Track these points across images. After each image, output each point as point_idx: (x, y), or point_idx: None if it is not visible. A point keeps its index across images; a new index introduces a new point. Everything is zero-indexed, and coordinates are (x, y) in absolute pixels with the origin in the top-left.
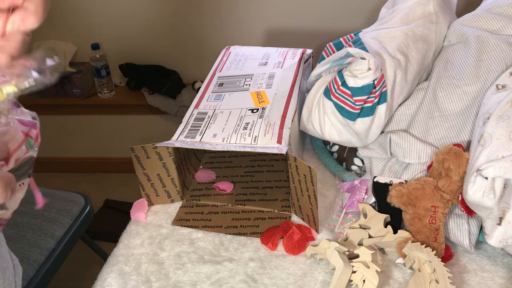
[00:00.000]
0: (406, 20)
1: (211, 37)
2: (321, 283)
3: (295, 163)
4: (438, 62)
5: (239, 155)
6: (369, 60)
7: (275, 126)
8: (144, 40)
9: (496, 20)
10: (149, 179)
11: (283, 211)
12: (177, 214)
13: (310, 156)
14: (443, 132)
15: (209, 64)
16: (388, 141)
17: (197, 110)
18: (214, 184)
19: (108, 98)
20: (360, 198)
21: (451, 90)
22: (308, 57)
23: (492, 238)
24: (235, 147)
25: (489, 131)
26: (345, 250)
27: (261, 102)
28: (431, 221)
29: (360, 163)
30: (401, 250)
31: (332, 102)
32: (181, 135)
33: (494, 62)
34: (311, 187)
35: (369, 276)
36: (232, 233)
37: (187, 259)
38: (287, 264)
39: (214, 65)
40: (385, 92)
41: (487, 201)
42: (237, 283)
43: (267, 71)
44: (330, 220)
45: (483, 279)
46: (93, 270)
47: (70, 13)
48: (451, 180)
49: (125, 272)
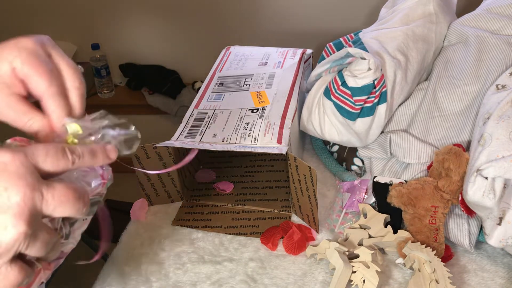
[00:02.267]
0: (406, 20)
1: (211, 37)
2: (321, 283)
3: (295, 163)
4: (438, 62)
5: (239, 155)
6: (369, 60)
7: (275, 126)
8: (144, 40)
9: (496, 20)
10: (149, 179)
11: (283, 211)
12: (177, 214)
13: (310, 156)
14: (443, 132)
15: (209, 64)
16: (388, 141)
17: (197, 110)
18: (214, 184)
19: (108, 98)
20: (360, 198)
21: (451, 90)
22: (308, 57)
23: (492, 238)
24: (235, 147)
25: (489, 131)
26: (345, 250)
27: (261, 102)
28: (431, 221)
29: (360, 163)
30: (401, 250)
31: (332, 102)
32: (181, 135)
33: (494, 62)
34: (311, 187)
35: (369, 276)
36: (232, 233)
37: (187, 259)
38: (287, 264)
39: (214, 65)
40: (385, 92)
41: (487, 201)
42: (237, 283)
43: (267, 71)
44: (330, 220)
45: (483, 279)
46: (93, 270)
47: (70, 13)
48: (451, 180)
49: (125, 272)
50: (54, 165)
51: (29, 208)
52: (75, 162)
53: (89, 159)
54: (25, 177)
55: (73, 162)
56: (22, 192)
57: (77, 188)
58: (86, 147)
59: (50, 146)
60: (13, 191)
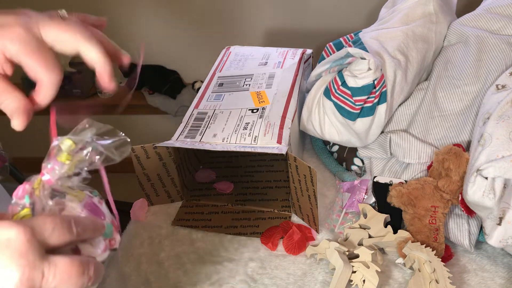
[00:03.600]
0: (406, 20)
1: (211, 37)
2: (321, 283)
3: (295, 163)
4: (438, 62)
5: (239, 155)
6: (369, 60)
7: (275, 126)
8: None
9: (496, 20)
10: (149, 179)
11: (283, 211)
12: (177, 214)
13: (310, 156)
14: (443, 132)
15: (209, 64)
16: (388, 141)
17: (197, 110)
18: (214, 184)
19: (108, 98)
20: (360, 198)
21: (451, 90)
22: (308, 57)
23: (492, 238)
24: (235, 147)
25: (489, 131)
26: (345, 250)
27: (261, 102)
28: (431, 221)
29: (360, 163)
30: (401, 250)
31: (332, 102)
32: (181, 135)
33: (494, 62)
34: (311, 187)
35: (369, 276)
36: (232, 233)
37: (187, 259)
38: (287, 264)
39: (214, 65)
40: (385, 92)
41: (487, 201)
42: (237, 283)
43: (267, 71)
44: (330, 220)
45: (483, 279)
46: None
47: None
48: (451, 180)
49: (124, 272)
50: (60, 239)
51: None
52: (79, 234)
53: (91, 231)
54: (27, 255)
55: (78, 234)
56: (21, 272)
57: (82, 262)
58: (89, 218)
59: (58, 219)
60: (13, 270)
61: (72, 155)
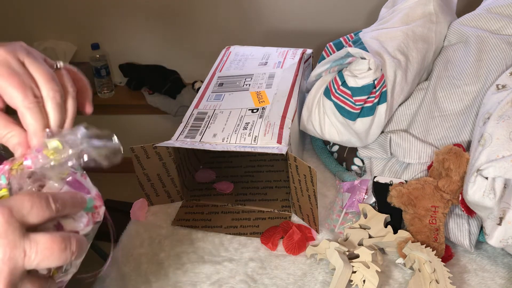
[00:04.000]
0: (406, 20)
1: (211, 37)
2: (321, 283)
3: (295, 163)
4: (438, 62)
5: (239, 155)
6: (369, 60)
7: (275, 126)
8: (144, 40)
9: (496, 20)
10: (149, 179)
11: (283, 211)
12: (177, 214)
13: (310, 156)
14: (443, 132)
15: (209, 64)
16: (388, 141)
17: (197, 110)
18: (214, 184)
19: (108, 98)
20: (360, 198)
21: (451, 90)
22: (308, 57)
23: (492, 238)
24: (235, 147)
25: (489, 131)
26: (345, 250)
27: (261, 102)
28: (431, 221)
29: (360, 163)
30: (401, 250)
31: (332, 102)
32: (181, 135)
33: (494, 62)
34: (311, 187)
35: (369, 276)
36: (232, 233)
37: (187, 259)
38: (287, 264)
39: (214, 65)
40: (385, 92)
41: (487, 201)
42: (237, 283)
43: (267, 71)
44: (330, 220)
45: (483, 279)
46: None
47: (70, 13)
48: (451, 180)
49: (124, 272)
50: (39, 217)
51: (9, 267)
52: (59, 210)
53: (71, 206)
54: (6, 235)
55: (57, 210)
56: (2, 252)
57: (63, 237)
58: (68, 193)
59: (35, 197)
60: None
61: (58, 153)
